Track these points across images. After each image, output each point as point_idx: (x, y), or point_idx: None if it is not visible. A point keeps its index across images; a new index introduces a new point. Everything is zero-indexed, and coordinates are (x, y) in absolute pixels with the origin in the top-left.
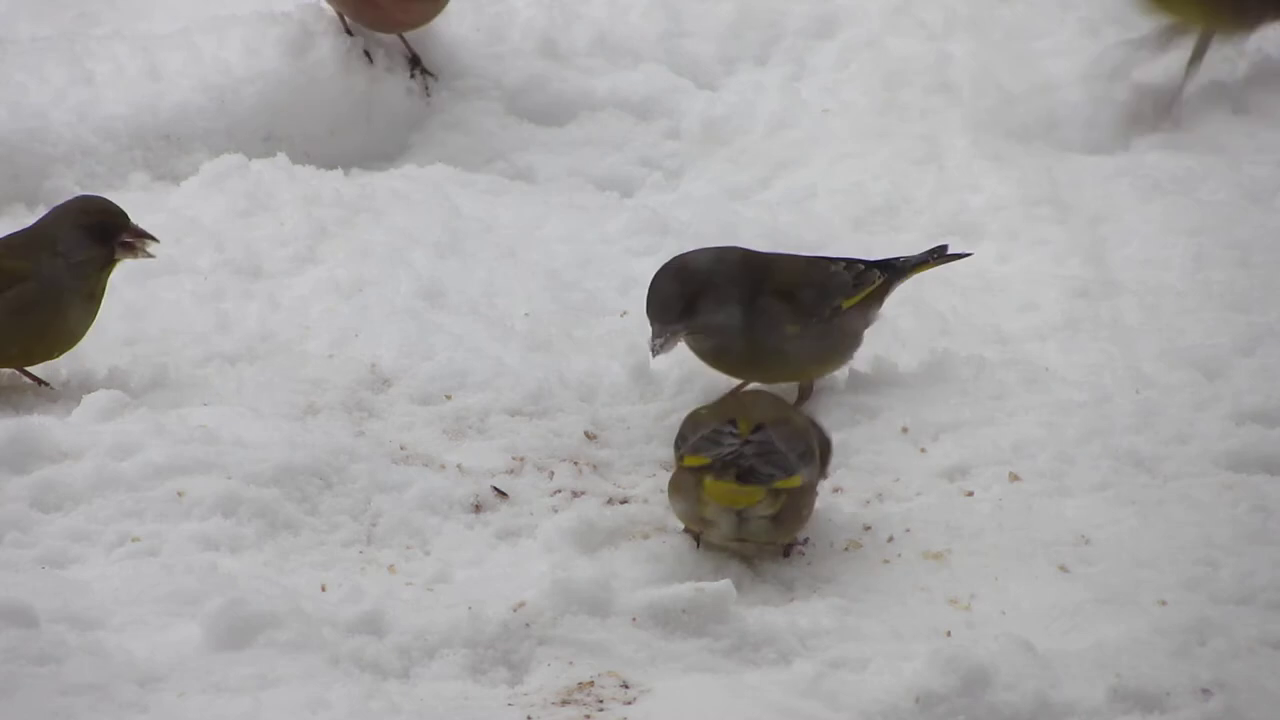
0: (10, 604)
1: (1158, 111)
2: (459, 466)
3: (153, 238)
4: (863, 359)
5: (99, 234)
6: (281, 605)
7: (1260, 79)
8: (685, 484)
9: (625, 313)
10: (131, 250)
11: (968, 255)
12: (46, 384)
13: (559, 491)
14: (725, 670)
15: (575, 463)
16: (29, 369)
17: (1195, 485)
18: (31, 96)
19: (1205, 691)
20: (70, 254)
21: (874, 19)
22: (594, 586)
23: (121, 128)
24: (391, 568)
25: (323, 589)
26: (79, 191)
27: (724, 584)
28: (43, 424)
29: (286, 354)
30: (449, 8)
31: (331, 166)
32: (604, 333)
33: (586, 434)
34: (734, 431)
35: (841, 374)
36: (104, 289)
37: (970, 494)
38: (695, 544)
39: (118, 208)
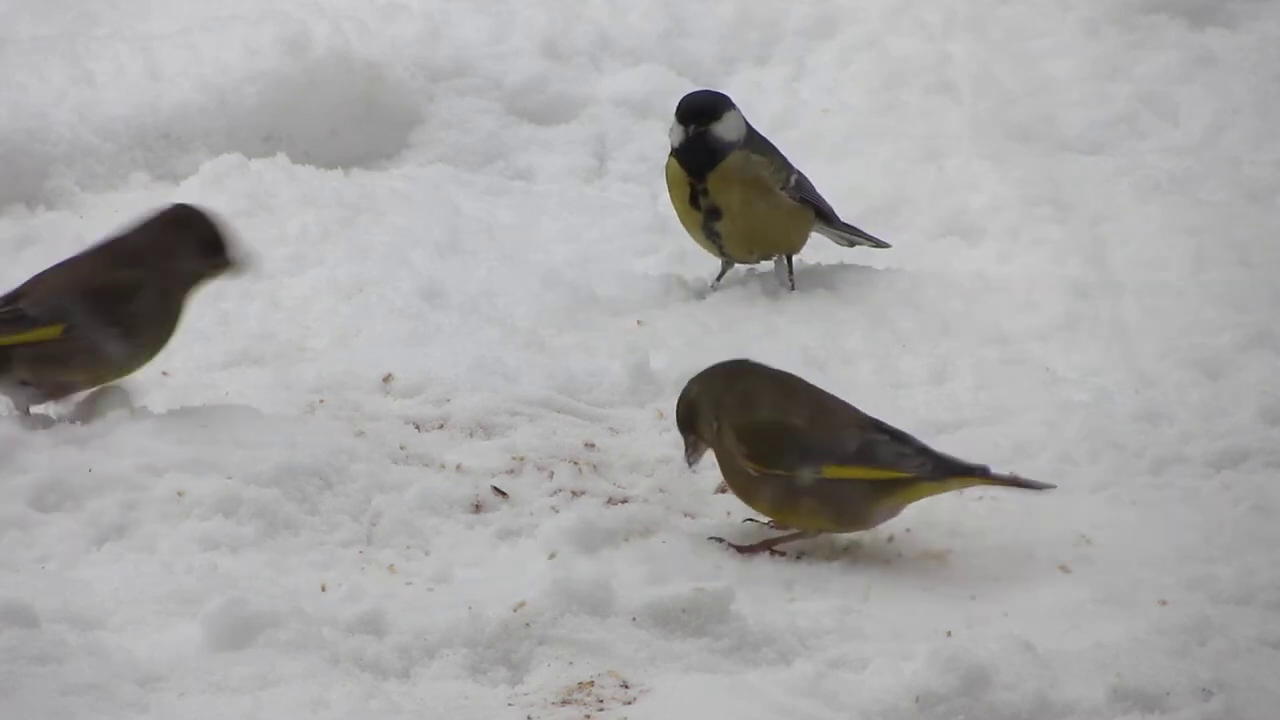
0: (10, 604)
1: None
2: (459, 466)
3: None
4: (863, 358)
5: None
6: (281, 605)
7: (1261, 78)
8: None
9: (640, 321)
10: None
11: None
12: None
13: (559, 491)
14: (725, 670)
15: (575, 463)
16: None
17: (1195, 485)
18: (31, 96)
19: (1205, 691)
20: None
21: (874, 19)
22: (594, 586)
23: (121, 128)
24: (391, 568)
25: (323, 589)
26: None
27: (724, 584)
28: (43, 424)
29: (287, 354)
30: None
31: (331, 166)
32: (604, 332)
33: (586, 434)
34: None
35: (845, 375)
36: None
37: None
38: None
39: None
